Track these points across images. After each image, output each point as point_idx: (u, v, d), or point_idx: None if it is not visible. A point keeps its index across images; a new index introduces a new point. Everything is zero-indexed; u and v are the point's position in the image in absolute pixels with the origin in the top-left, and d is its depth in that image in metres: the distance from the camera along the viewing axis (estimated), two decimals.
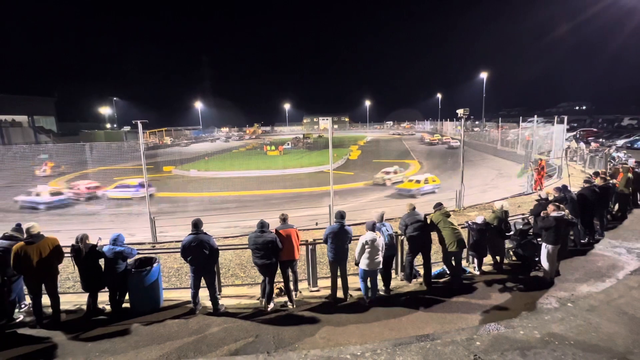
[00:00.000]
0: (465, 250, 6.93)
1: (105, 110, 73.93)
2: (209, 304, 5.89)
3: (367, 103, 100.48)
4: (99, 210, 17.89)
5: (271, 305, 5.87)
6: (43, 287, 5.52)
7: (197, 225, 5.74)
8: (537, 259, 6.88)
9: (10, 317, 5.60)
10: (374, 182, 22.21)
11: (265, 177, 27.05)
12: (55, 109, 68.39)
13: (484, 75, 62.63)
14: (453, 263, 6.55)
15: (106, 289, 5.88)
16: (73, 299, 6.34)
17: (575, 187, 10.72)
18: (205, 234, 5.78)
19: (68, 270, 6.02)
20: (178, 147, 54.31)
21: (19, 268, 5.31)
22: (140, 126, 10.05)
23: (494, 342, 4.61)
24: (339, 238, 5.98)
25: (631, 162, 12.66)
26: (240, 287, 7.02)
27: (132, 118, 10.80)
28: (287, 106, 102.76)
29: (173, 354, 4.68)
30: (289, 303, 5.98)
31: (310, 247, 6.59)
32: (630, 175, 10.29)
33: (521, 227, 7.49)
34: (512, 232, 7.34)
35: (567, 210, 6.86)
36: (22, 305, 5.94)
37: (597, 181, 9.15)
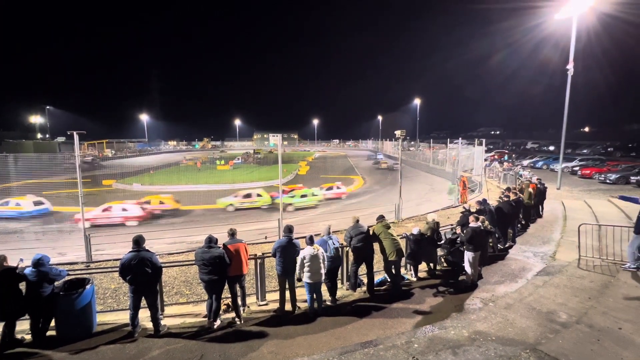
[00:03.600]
0: (403, 259, 7.24)
1: (37, 119, 65.77)
2: (149, 325, 5.35)
3: (315, 122, 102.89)
4: (22, 228, 15.57)
5: (218, 323, 5.52)
6: None
7: (138, 242, 5.25)
8: (463, 264, 7.44)
9: None
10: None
11: (215, 191, 25.91)
12: None
13: (417, 101, 68.28)
14: (393, 271, 6.80)
15: (26, 317, 5.06)
16: None
17: (492, 200, 11.88)
18: (148, 251, 5.30)
19: None
20: (120, 159, 49.92)
21: None
22: (76, 137, 9.04)
23: (430, 343, 4.81)
24: (287, 251, 5.88)
25: (534, 179, 14.41)
26: (185, 305, 6.51)
27: (69, 128, 9.65)
28: (237, 122, 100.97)
29: None
30: (236, 319, 5.67)
31: (259, 261, 6.37)
32: (531, 190, 11.72)
33: (450, 236, 8.06)
34: (442, 241, 7.86)
35: (487, 221, 7.57)
36: None
37: (511, 196, 10.26)
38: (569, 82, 18.58)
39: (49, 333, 5.15)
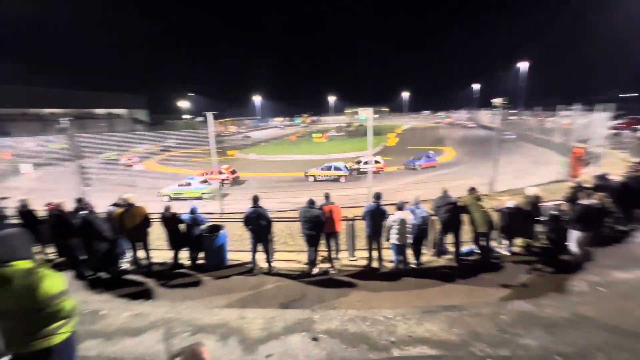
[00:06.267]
0: (495, 232, 6.49)
1: (184, 104, 78.89)
2: (264, 265, 6.22)
3: (405, 94, 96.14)
4: None
5: (315, 270, 6.05)
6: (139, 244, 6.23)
7: (256, 200, 6.03)
8: (567, 243, 6.25)
9: (117, 265, 6.41)
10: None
11: (312, 161, 27.31)
12: (147, 103, 74.72)
13: (524, 64, 56.30)
14: (482, 243, 6.19)
15: (186, 248, 6.47)
16: (161, 254, 7.05)
17: (616, 175, 9.41)
18: (262, 207, 6.05)
19: (158, 232, 6.68)
20: (242, 134, 56.61)
21: (117, 229, 6.00)
22: (211, 117, 10.65)
23: (520, 317, 4.33)
24: (375, 216, 5.92)
25: None
26: (290, 253, 7.30)
27: (203, 110, 11.48)
28: (331, 98, 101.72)
29: (237, 303, 5.06)
30: (330, 269, 6.11)
31: (350, 222, 6.61)
32: None
33: (553, 212, 6.80)
34: (543, 217, 6.70)
35: (602, 199, 6.08)
36: (125, 257, 6.74)
37: None
38: None
39: (199, 262, 6.50)
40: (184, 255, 6.59)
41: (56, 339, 2.32)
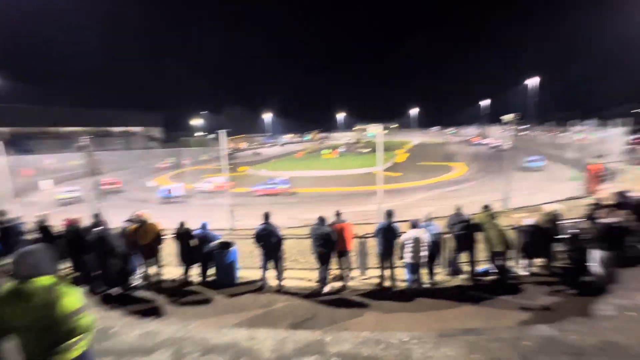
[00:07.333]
0: (512, 252, 6.27)
1: (197, 122, 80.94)
2: (275, 283, 6.13)
3: (414, 110, 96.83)
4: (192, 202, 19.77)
5: (326, 289, 5.92)
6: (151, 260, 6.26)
7: (267, 216, 6.02)
8: (588, 264, 5.96)
9: (129, 281, 6.43)
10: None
11: (322, 177, 27.41)
12: (162, 120, 77.08)
13: (535, 80, 56.02)
14: (499, 263, 5.98)
15: (197, 264, 6.46)
16: (172, 270, 7.05)
17: (637, 192, 9.07)
18: (272, 224, 6.03)
19: (169, 248, 6.72)
20: (253, 150, 57.49)
21: (130, 245, 6.05)
22: (224, 134, 10.91)
23: (544, 343, 4.09)
24: (388, 234, 5.83)
25: None
26: (301, 271, 7.19)
27: (216, 127, 11.80)
28: (341, 115, 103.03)
29: (247, 322, 4.96)
30: (342, 288, 5.98)
31: (361, 240, 6.52)
32: None
33: (573, 230, 6.55)
34: (563, 236, 6.45)
35: (626, 216, 5.84)
36: (137, 273, 6.76)
37: None
38: None
39: (209, 279, 6.46)
40: (195, 272, 6.57)
41: (74, 353, 2.34)
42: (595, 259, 5.59)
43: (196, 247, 6.35)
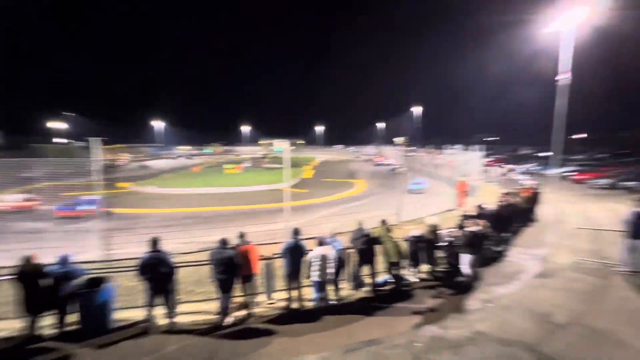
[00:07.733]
0: (405, 261, 7.21)
1: (56, 125, 66.15)
2: (164, 322, 5.37)
3: (319, 128, 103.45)
4: (45, 228, 15.73)
5: (229, 320, 5.53)
6: None
7: (155, 242, 5.30)
8: (461, 266, 7.38)
9: None
10: None
11: (224, 194, 26.05)
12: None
13: (418, 109, 67.86)
14: (395, 272, 6.78)
15: (50, 312, 5.11)
16: (9, 325, 5.39)
17: (491, 204, 11.80)
18: (163, 251, 5.34)
19: (5, 293, 5.14)
20: (138, 163, 50.38)
21: None
22: (98, 142, 9.20)
23: (431, 342, 4.77)
24: (295, 253, 5.90)
25: (529, 184, 14.36)
26: (197, 304, 6.52)
27: (86, 133, 9.79)
28: (244, 128, 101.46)
29: None
30: (246, 317, 5.68)
31: (267, 261, 6.39)
32: (526, 194, 11.71)
33: (449, 238, 8.02)
34: (441, 243, 7.82)
35: (484, 224, 7.53)
36: None
37: (508, 200, 10.22)
38: (558, 93, 18.52)
39: (71, 328, 5.19)
40: (48, 322, 5.18)
41: None
42: (465, 261, 6.96)
43: (51, 288, 5.04)
